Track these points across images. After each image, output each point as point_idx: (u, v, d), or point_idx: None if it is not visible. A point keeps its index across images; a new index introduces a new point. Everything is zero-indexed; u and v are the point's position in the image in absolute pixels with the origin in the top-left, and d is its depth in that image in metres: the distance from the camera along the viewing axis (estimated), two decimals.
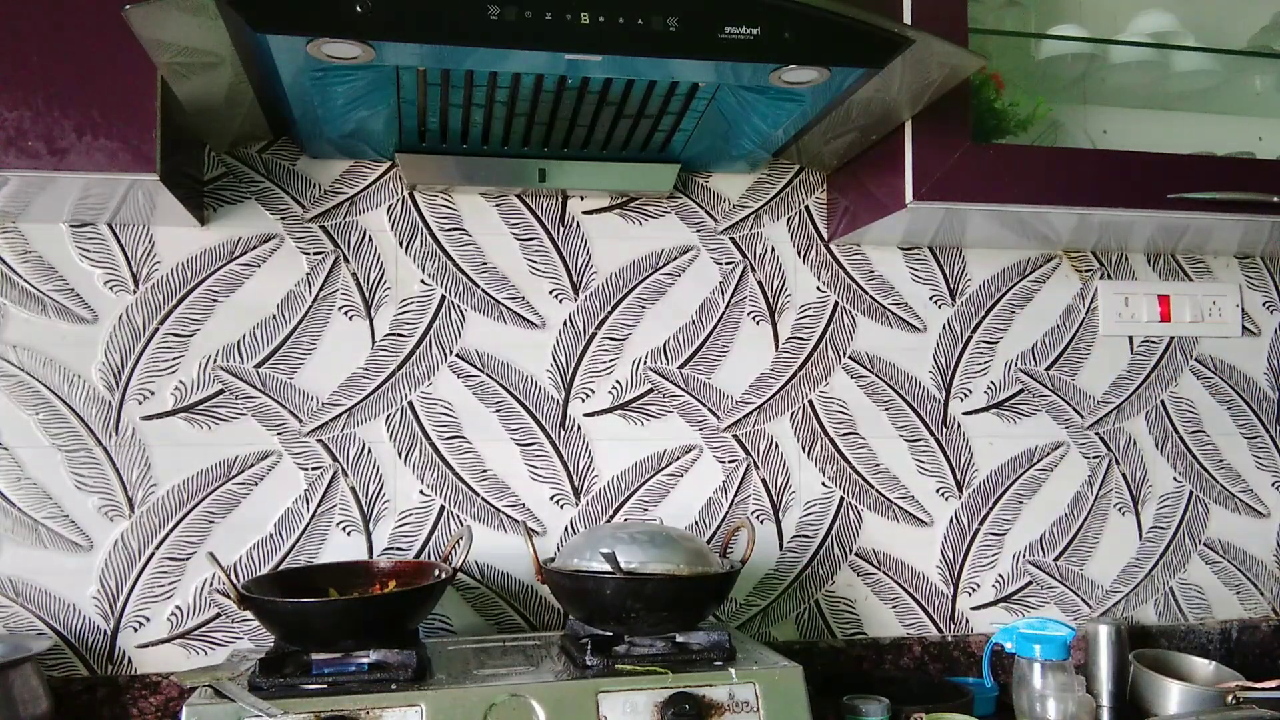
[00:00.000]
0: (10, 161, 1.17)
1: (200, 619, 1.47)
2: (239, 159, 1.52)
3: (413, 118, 1.36)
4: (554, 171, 1.53)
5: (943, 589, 1.70)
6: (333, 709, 1.13)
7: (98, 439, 1.45)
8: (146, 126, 1.19)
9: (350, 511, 1.52)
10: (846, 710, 1.37)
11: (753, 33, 1.12)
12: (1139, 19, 1.67)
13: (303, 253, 1.53)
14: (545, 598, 1.57)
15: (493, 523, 1.56)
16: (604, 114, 1.36)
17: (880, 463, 1.69)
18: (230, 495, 1.48)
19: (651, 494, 1.61)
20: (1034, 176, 1.44)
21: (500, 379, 1.58)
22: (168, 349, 1.48)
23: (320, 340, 1.53)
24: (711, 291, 1.65)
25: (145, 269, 1.48)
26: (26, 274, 1.45)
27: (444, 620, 1.53)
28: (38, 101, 1.17)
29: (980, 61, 1.25)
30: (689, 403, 1.63)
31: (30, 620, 1.42)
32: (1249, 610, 1.82)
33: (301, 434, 1.51)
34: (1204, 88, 1.74)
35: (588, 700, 1.18)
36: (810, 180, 1.69)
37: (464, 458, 1.56)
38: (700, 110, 1.36)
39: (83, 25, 1.17)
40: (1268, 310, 1.86)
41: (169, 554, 1.46)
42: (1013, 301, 1.76)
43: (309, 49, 1.08)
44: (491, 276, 1.59)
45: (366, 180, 1.56)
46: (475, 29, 1.07)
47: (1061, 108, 1.69)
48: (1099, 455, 1.78)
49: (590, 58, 1.14)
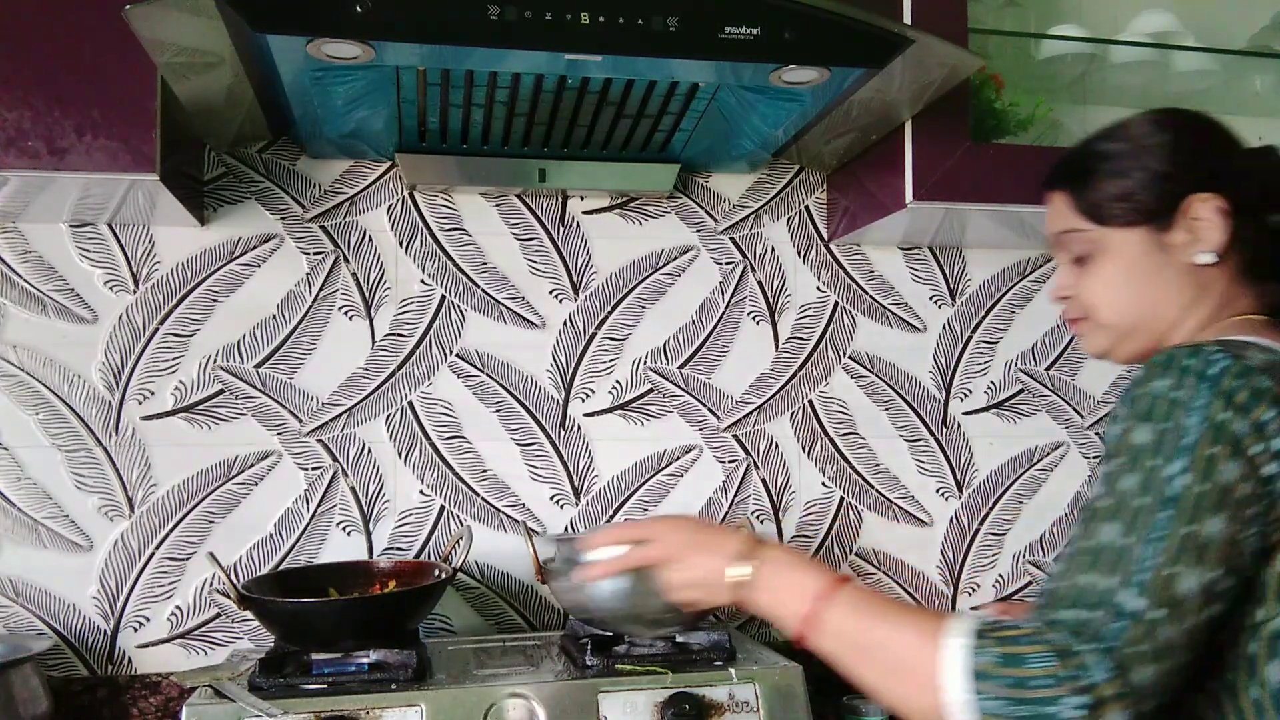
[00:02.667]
0: (10, 161, 1.17)
1: (200, 619, 1.47)
2: (239, 159, 1.52)
3: (413, 118, 1.36)
4: (554, 171, 1.53)
5: (943, 589, 1.70)
6: (333, 709, 1.13)
7: (98, 439, 1.45)
8: (146, 126, 1.19)
9: (350, 511, 1.52)
10: (846, 710, 1.37)
11: (753, 33, 1.12)
12: (1139, 19, 1.67)
13: (303, 253, 1.53)
14: (545, 598, 1.57)
15: (493, 523, 1.56)
16: (604, 114, 1.36)
17: (880, 463, 1.69)
18: (230, 495, 1.48)
19: (651, 494, 1.61)
20: (1034, 176, 1.43)
21: (500, 379, 1.58)
22: (168, 349, 1.48)
23: (320, 340, 1.53)
24: (711, 291, 1.65)
25: (145, 269, 1.48)
26: (26, 274, 1.45)
27: (444, 620, 1.53)
28: (38, 101, 1.17)
29: (980, 61, 1.25)
30: (689, 403, 1.63)
31: (30, 620, 1.42)
32: None
33: (301, 434, 1.51)
34: (1204, 88, 1.74)
35: (588, 700, 1.19)
36: (810, 180, 1.69)
37: (464, 458, 1.56)
38: (700, 110, 1.36)
39: (83, 25, 1.17)
40: None
41: (169, 554, 1.46)
42: (1013, 301, 1.76)
43: (309, 49, 1.08)
44: (491, 276, 1.59)
45: (366, 180, 1.56)
46: (475, 29, 1.07)
47: (1061, 108, 1.69)
48: (1099, 455, 1.78)
49: (590, 58, 1.14)
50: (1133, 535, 0.74)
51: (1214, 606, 0.73)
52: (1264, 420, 0.75)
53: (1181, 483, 0.74)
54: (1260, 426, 0.74)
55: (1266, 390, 0.75)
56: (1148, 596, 0.71)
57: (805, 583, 0.86)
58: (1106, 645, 0.70)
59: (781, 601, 0.88)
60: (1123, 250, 0.95)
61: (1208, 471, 0.74)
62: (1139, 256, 0.95)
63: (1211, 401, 0.75)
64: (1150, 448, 0.76)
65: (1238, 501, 0.74)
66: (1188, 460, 0.74)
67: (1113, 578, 0.73)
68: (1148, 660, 0.70)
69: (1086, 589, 0.73)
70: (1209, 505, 0.73)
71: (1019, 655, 0.71)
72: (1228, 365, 0.77)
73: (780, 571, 0.89)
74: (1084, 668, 0.70)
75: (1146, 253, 0.94)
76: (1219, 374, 0.76)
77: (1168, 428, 0.76)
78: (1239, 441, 0.74)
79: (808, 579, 0.87)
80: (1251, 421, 0.74)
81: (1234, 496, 0.74)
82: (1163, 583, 0.72)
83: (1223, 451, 0.74)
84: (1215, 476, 0.74)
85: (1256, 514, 0.74)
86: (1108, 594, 0.72)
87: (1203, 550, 0.72)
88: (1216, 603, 0.73)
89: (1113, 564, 0.73)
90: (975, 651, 0.72)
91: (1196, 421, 0.75)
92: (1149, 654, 0.71)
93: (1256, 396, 0.75)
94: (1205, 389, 0.76)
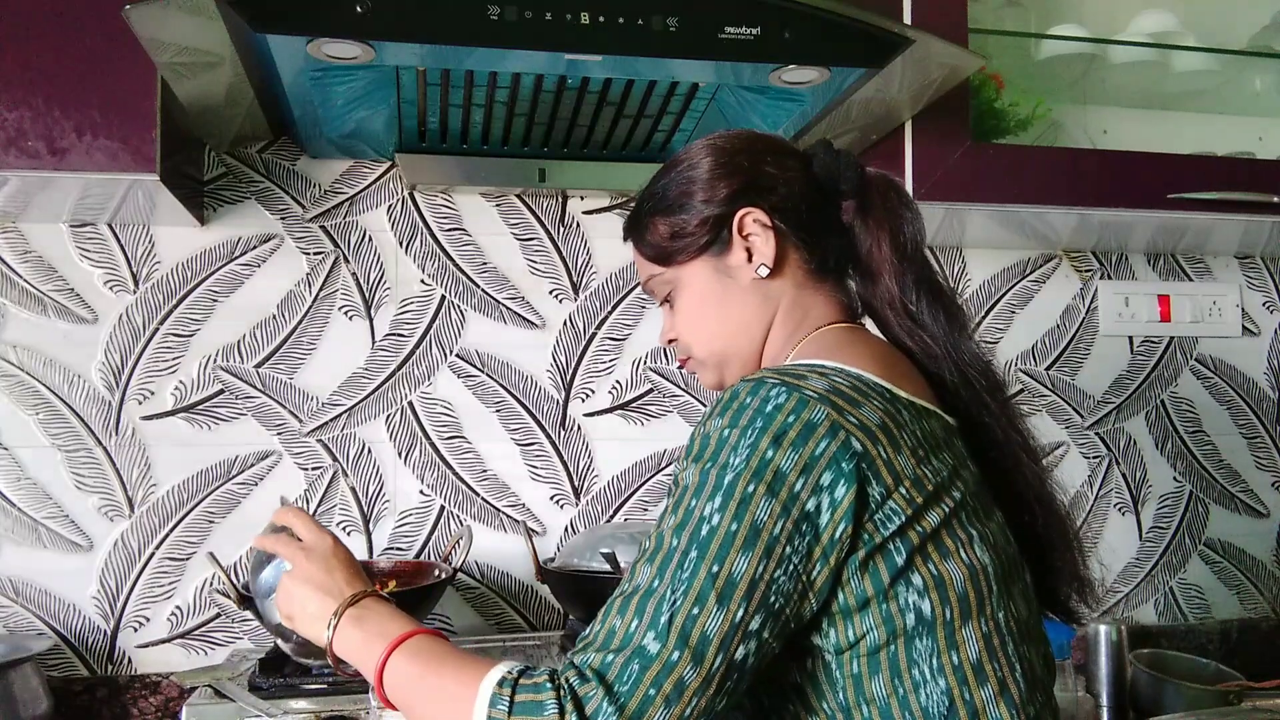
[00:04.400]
0: (10, 161, 1.17)
1: (200, 619, 1.47)
2: (239, 159, 1.52)
3: (413, 118, 1.36)
4: (554, 171, 1.53)
5: None
6: (333, 709, 1.14)
7: (98, 439, 1.45)
8: (146, 126, 1.19)
9: (350, 511, 1.52)
10: None
11: (753, 33, 1.12)
12: (1139, 19, 1.67)
13: (303, 253, 1.53)
14: (545, 598, 1.57)
15: (493, 523, 1.56)
16: (604, 114, 1.36)
17: None
18: (230, 495, 1.48)
19: (651, 494, 1.61)
20: (1034, 176, 1.44)
21: (500, 379, 1.58)
22: (168, 349, 1.48)
23: (320, 340, 1.53)
24: None
25: (145, 269, 1.48)
26: (26, 274, 1.45)
27: (444, 620, 1.53)
28: (38, 101, 1.17)
29: (980, 61, 1.25)
30: (689, 403, 1.63)
31: (30, 620, 1.42)
32: (1249, 610, 1.82)
33: (301, 434, 1.51)
34: (1204, 88, 1.74)
35: None
36: None
37: (464, 458, 1.56)
38: (700, 110, 1.36)
39: (83, 25, 1.17)
40: (1267, 310, 1.86)
41: (169, 554, 1.46)
42: (1013, 301, 1.76)
43: (309, 49, 1.08)
44: (491, 276, 1.59)
45: (366, 180, 1.56)
46: (475, 29, 1.07)
47: (1061, 108, 1.69)
48: (1099, 455, 1.78)
49: (590, 58, 1.14)
50: (662, 578, 0.72)
51: (745, 647, 0.71)
52: (815, 454, 0.73)
53: (713, 523, 0.73)
54: (810, 463, 0.73)
55: (820, 422, 0.74)
56: (666, 638, 0.70)
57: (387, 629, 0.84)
58: (617, 689, 0.69)
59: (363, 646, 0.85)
60: (692, 284, 0.95)
61: (740, 510, 0.72)
62: (708, 285, 0.94)
63: (759, 440, 0.74)
64: (695, 489, 0.75)
65: (773, 539, 0.72)
66: (723, 499, 0.73)
67: (637, 620, 0.72)
68: (659, 705, 0.69)
69: (613, 633, 0.72)
70: (739, 545, 0.72)
71: (531, 703, 0.70)
72: (783, 402, 0.75)
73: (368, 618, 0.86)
74: (593, 714, 0.69)
75: (714, 280, 0.94)
76: (773, 411, 0.75)
77: (710, 467, 0.75)
78: (781, 478, 0.73)
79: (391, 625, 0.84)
80: (800, 456, 0.73)
81: (769, 535, 0.72)
82: (682, 624, 0.70)
83: (760, 489, 0.72)
84: (748, 515, 0.72)
85: (795, 550, 0.72)
86: (628, 637, 0.71)
87: (727, 590, 0.71)
88: (748, 643, 0.71)
89: (639, 606, 0.72)
90: (492, 701, 0.71)
91: (741, 460, 0.73)
92: (661, 698, 0.69)
93: (808, 430, 0.74)
94: (757, 428, 0.74)
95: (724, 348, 0.95)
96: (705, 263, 0.94)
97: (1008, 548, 0.83)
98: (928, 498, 0.77)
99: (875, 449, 0.75)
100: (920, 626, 0.75)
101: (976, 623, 0.77)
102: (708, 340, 0.96)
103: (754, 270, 0.92)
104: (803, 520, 0.73)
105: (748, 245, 0.92)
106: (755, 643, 0.72)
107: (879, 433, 0.76)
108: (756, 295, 0.93)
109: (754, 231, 0.92)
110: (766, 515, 0.72)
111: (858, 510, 0.74)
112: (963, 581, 0.77)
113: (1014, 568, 0.83)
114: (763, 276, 0.92)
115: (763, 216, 0.92)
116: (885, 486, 0.75)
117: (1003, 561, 0.81)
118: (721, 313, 0.94)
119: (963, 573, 0.77)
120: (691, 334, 0.97)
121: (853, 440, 0.74)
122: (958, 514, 0.78)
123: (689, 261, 0.95)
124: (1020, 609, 0.81)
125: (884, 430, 0.77)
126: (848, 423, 0.75)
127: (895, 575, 0.75)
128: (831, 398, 0.76)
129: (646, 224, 0.97)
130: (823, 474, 0.73)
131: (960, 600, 0.76)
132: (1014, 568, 0.83)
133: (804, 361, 0.84)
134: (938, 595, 0.76)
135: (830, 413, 0.75)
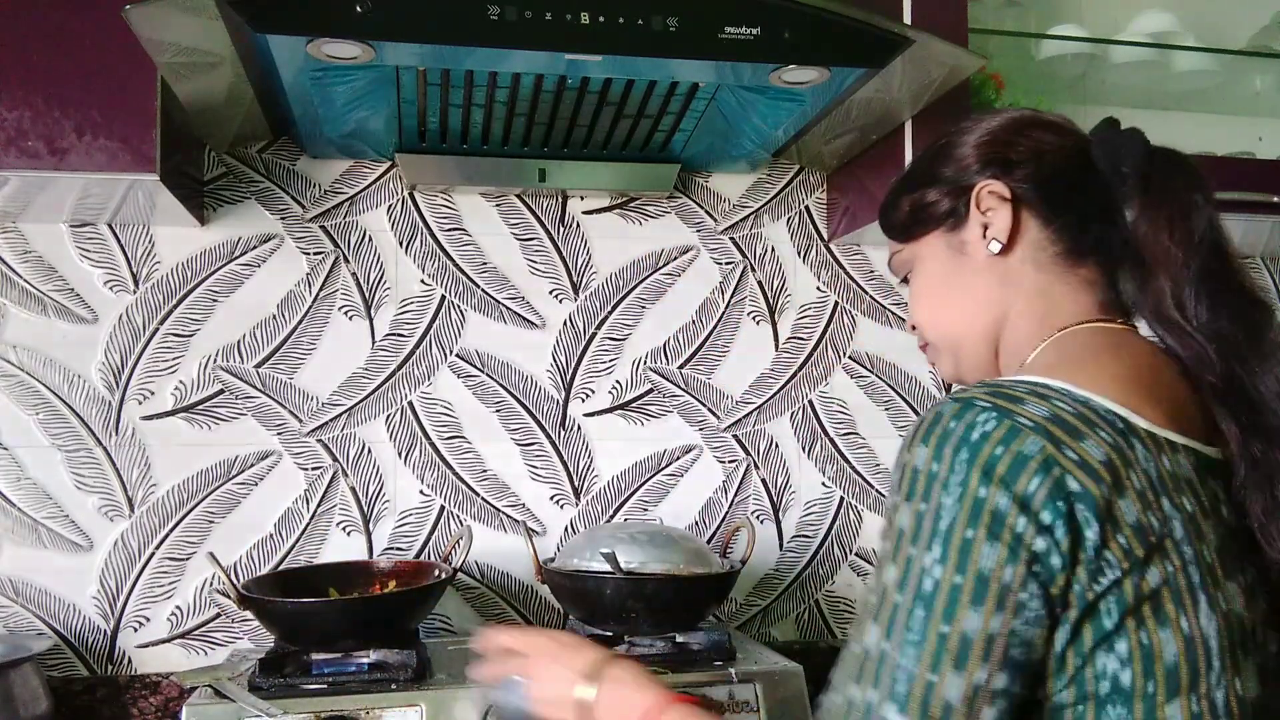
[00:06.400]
0: (10, 161, 1.17)
1: (200, 619, 1.47)
2: (239, 159, 1.52)
3: (413, 118, 1.36)
4: (554, 171, 1.53)
5: None
6: (333, 709, 1.13)
7: (98, 439, 1.45)
8: (146, 126, 1.19)
9: (350, 511, 1.52)
10: None
11: (753, 33, 1.12)
12: (1139, 19, 1.67)
13: (303, 253, 1.53)
14: (545, 598, 1.57)
15: (493, 523, 1.56)
16: (604, 114, 1.36)
17: (880, 463, 1.69)
18: (230, 495, 1.48)
19: (651, 494, 1.61)
20: None
21: (500, 379, 1.58)
22: (168, 349, 1.48)
23: (320, 340, 1.53)
24: (711, 291, 1.65)
25: (145, 269, 1.48)
26: (26, 274, 1.45)
27: (444, 620, 1.53)
28: (38, 101, 1.17)
29: (980, 61, 1.25)
30: (689, 403, 1.63)
31: (30, 620, 1.42)
32: None
33: (301, 434, 1.51)
34: (1204, 88, 1.74)
35: None
36: (810, 180, 1.69)
37: (464, 458, 1.56)
38: (700, 110, 1.36)
39: (83, 25, 1.17)
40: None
41: (169, 554, 1.46)
42: None
43: (309, 49, 1.08)
44: (491, 276, 1.59)
45: (366, 180, 1.56)
46: (475, 29, 1.07)
47: (1061, 108, 1.69)
48: None
49: (590, 58, 1.14)
50: (891, 639, 0.67)
51: (993, 708, 0.65)
52: (1029, 492, 0.65)
53: (936, 575, 0.66)
54: (1026, 500, 0.65)
55: (1033, 455, 0.66)
56: (909, 712, 0.65)
57: (637, 700, 0.85)
58: None
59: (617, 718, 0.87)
60: (927, 260, 0.91)
61: (963, 561, 0.65)
62: (941, 262, 0.90)
63: (969, 475, 0.66)
64: (910, 533, 0.68)
65: (1004, 588, 0.65)
66: (943, 548, 0.66)
67: (874, 691, 0.66)
68: None
69: (854, 705, 0.67)
70: (966, 600, 0.65)
71: None
72: (991, 430, 0.67)
73: (617, 690, 0.88)
74: None
75: (947, 256, 0.89)
76: (980, 440, 0.67)
77: (924, 509, 0.67)
78: (1001, 520, 0.65)
79: (641, 696, 0.86)
80: (1015, 494, 0.65)
81: (997, 585, 0.65)
82: (922, 696, 0.64)
83: (980, 534, 0.65)
84: (972, 565, 0.65)
85: (1031, 595, 0.65)
86: (869, 710, 0.66)
87: (962, 652, 0.64)
88: (996, 703, 0.65)
89: (874, 673, 0.67)
90: None
91: (953, 501, 0.66)
92: None
93: (1019, 464, 0.66)
94: (964, 461, 0.67)
95: (954, 331, 0.90)
96: (940, 237, 0.89)
97: (1246, 615, 0.71)
98: (1149, 549, 0.67)
99: (1097, 489, 0.66)
100: (1116, 695, 0.67)
101: (1185, 699, 0.67)
102: (938, 322, 0.91)
103: (986, 246, 0.85)
104: (1033, 561, 0.65)
105: (984, 219, 0.86)
106: (1005, 701, 0.66)
107: (1102, 470, 0.67)
108: (992, 276, 0.86)
109: (991, 205, 0.85)
110: (993, 563, 0.65)
111: (1072, 559, 0.66)
112: (1175, 654, 0.67)
113: (1250, 640, 0.71)
114: (994, 253, 0.85)
115: (1000, 189, 0.85)
116: (1102, 535, 0.66)
117: (1233, 632, 0.69)
118: (953, 292, 0.89)
119: (1178, 644, 0.67)
120: (922, 314, 0.92)
121: (1068, 479, 0.66)
122: (1186, 572, 0.68)
123: (924, 235, 0.90)
124: (1250, 687, 0.70)
125: (1108, 468, 0.67)
126: (1065, 458, 0.67)
127: (1099, 640, 0.67)
128: (1050, 427, 0.68)
129: (893, 201, 0.94)
130: (1041, 512, 0.65)
131: (1168, 675, 0.67)
132: (1250, 640, 0.71)
133: (1026, 379, 0.74)
134: (1142, 667, 0.67)
135: (1046, 445, 0.67)
